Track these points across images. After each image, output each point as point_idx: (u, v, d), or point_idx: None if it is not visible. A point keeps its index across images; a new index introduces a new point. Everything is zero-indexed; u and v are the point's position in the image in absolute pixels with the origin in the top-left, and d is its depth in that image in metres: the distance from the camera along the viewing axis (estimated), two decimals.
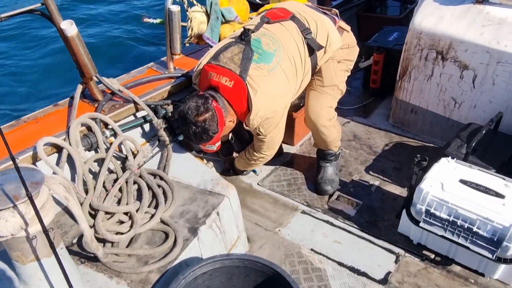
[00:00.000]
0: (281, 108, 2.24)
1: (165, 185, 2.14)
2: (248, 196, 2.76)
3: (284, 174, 2.91)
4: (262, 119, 2.16)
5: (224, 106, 2.13)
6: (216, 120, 2.09)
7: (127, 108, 2.44)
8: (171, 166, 2.32)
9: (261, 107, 2.12)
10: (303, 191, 2.76)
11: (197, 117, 2.04)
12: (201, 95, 2.10)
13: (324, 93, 2.48)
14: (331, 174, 2.73)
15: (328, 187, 2.69)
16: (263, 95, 2.11)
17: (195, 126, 2.06)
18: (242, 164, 2.74)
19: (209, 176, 2.26)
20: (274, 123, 2.26)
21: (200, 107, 2.04)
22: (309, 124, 2.59)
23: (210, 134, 2.10)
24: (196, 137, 2.11)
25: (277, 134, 2.35)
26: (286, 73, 2.20)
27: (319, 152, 2.73)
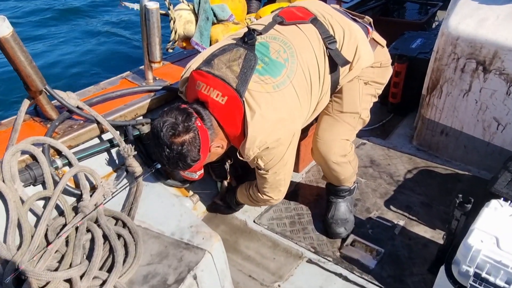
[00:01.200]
0: (286, 137, 1.70)
1: (127, 234, 1.62)
2: (241, 237, 2.23)
3: (287, 210, 2.38)
4: (260, 149, 1.64)
5: (211, 127, 1.62)
6: (198, 144, 1.58)
7: (88, 130, 1.92)
8: (141, 207, 1.80)
9: (260, 134, 1.60)
10: (309, 233, 2.22)
11: (173, 138, 1.53)
12: (183, 109, 1.59)
13: (341, 121, 1.95)
14: (344, 212, 2.19)
15: (341, 229, 2.16)
16: (264, 118, 1.59)
17: (169, 149, 1.55)
18: (244, 199, 2.20)
19: (187, 221, 1.74)
20: (278, 155, 1.73)
21: (178, 125, 1.53)
22: (317, 158, 2.07)
23: (188, 162, 1.59)
24: (170, 163, 1.60)
25: (282, 171, 1.80)
26: (298, 91, 1.68)
27: (329, 186, 2.20)
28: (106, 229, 1.61)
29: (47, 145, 1.76)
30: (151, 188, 1.91)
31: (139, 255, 1.57)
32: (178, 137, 1.53)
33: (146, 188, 1.89)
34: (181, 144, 1.54)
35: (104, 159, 2.00)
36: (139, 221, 1.74)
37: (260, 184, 1.90)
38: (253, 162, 1.76)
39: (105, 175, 1.96)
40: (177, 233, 1.68)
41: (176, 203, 1.84)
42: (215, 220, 2.33)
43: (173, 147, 1.53)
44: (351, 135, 2.01)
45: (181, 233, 1.68)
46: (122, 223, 1.69)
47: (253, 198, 2.02)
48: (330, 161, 1.97)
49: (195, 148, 1.57)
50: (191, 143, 1.56)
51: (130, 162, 1.86)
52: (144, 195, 1.84)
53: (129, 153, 1.85)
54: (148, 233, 1.68)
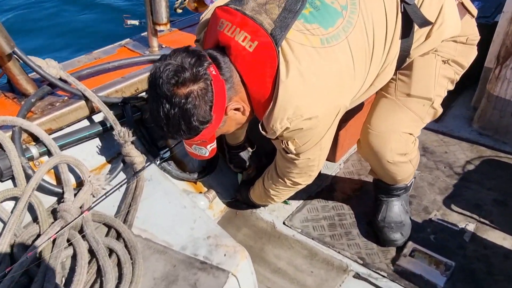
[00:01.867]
0: (329, 113, 1.26)
1: (121, 249, 1.19)
2: (269, 243, 1.79)
3: (324, 209, 1.93)
4: (291, 123, 1.20)
5: (230, 79, 1.19)
6: (210, 99, 1.14)
7: (74, 109, 1.49)
8: (141, 210, 1.37)
9: (295, 100, 1.16)
10: (354, 238, 1.77)
11: (176, 87, 1.10)
12: (193, 51, 1.15)
13: (405, 108, 1.47)
14: (398, 213, 1.73)
15: (396, 235, 1.70)
16: (303, 79, 1.15)
17: (169, 103, 1.11)
18: (257, 196, 1.79)
19: (203, 230, 1.30)
20: (314, 138, 1.30)
21: (185, 70, 1.10)
22: (365, 154, 1.61)
23: (194, 123, 1.14)
24: (170, 124, 1.15)
25: (317, 156, 1.38)
26: (354, 53, 1.22)
27: (379, 183, 1.73)
28: (93, 242, 1.18)
29: (18, 128, 1.33)
30: (155, 185, 1.47)
31: (137, 278, 1.14)
32: (183, 86, 1.10)
33: (148, 185, 1.46)
34: (186, 96, 1.10)
35: (94, 147, 1.56)
36: (139, 229, 1.30)
37: (285, 167, 1.47)
38: (280, 142, 1.33)
39: (96, 168, 1.53)
40: (189, 247, 1.24)
41: (188, 204, 1.40)
42: (236, 222, 1.89)
43: (175, 100, 1.10)
44: (415, 129, 1.52)
45: (195, 246, 1.24)
46: (116, 233, 1.26)
47: (269, 186, 1.63)
48: (384, 159, 1.50)
49: (205, 104, 1.13)
50: (200, 96, 1.12)
51: (128, 151, 1.42)
52: (146, 194, 1.41)
53: (127, 139, 1.41)
54: (151, 246, 1.25)
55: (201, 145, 1.27)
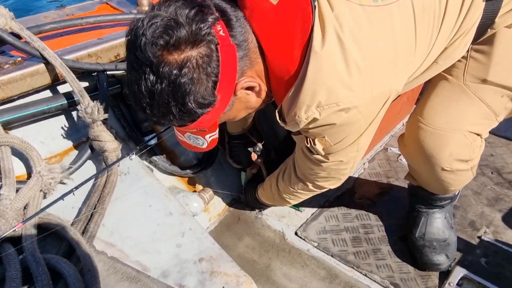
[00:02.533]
0: (374, 102, 0.90)
1: (72, 276, 0.81)
2: (276, 259, 1.42)
3: (345, 217, 1.56)
4: (322, 116, 0.86)
5: (244, 44, 0.84)
6: (214, 72, 0.80)
7: (29, 74, 1.11)
8: (111, 214, 0.99)
9: (327, 85, 0.82)
10: (385, 258, 1.41)
11: (166, 51, 0.75)
12: (193, 0, 0.80)
13: (476, 98, 1.06)
14: (442, 228, 1.37)
15: (440, 257, 1.33)
16: (342, 53, 0.80)
17: (154, 73, 0.76)
18: (267, 196, 1.42)
19: (194, 247, 0.92)
20: (352, 134, 0.95)
21: (180, 27, 0.75)
22: (412, 155, 1.23)
23: (190, 104, 0.80)
24: (154, 104, 0.80)
25: (351, 158, 1.04)
26: (418, 15, 0.87)
27: (419, 191, 1.36)
28: (31, 262, 0.81)
29: None
30: (133, 181, 1.09)
31: None
32: (177, 50, 0.75)
33: (123, 181, 1.08)
34: (181, 64, 0.76)
35: (55, 128, 1.19)
36: (105, 243, 0.93)
37: (307, 169, 1.12)
38: (303, 140, 0.98)
39: (56, 155, 1.15)
40: (173, 273, 0.87)
41: (176, 209, 1.03)
42: (237, 229, 1.53)
43: (164, 70, 0.75)
44: (485, 128, 1.12)
45: (182, 273, 0.87)
46: (68, 248, 0.88)
47: (284, 188, 1.28)
48: (438, 166, 1.12)
49: (207, 79, 0.79)
50: (200, 67, 0.77)
51: (97, 133, 1.04)
52: (118, 194, 1.03)
53: (95, 117, 1.03)
54: (118, 270, 0.87)
55: (198, 134, 0.92)
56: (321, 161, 1.04)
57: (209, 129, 0.91)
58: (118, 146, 1.06)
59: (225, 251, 0.95)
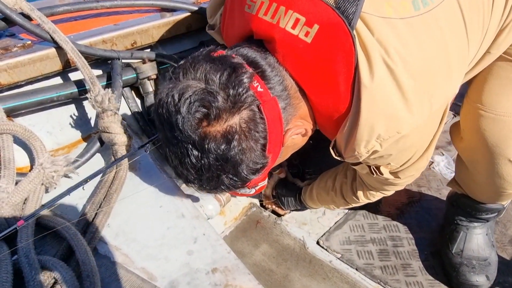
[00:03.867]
0: (435, 115, 0.80)
1: (69, 281, 0.72)
2: (296, 269, 1.31)
3: (372, 228, 1.44)
4: (383, 147, 0.78)
5: (284, 93, 0.76)
6: (263, 135, 0.73)
7: (38, 59, 1.03)
8: (117, 215, 0.90)
9: (384, 116, 0.73)
10: (415, 274, 1.28)
11: (206, 124, 0.67)
12: (221, 59, 0.70)
13: None
14: (482, 246, 1.24)
15: (479, 278, 1.20)
16: (394, 81, 0.70)
17: (198, 150, 0.68)
18: (322, 199, 1.31)
19: (207, 255, 0.82)
20: (418, 152, 0.87)
21: (215, 95, 0.66)
22: (470, 147, 1.07)
23: (243, 173, 0.73)
24: (203, 179, 0.73)
25: (422, 167, 0.93)
26: (465, 8, 0.77)
27: (463, 200, 1.23)
28: (24, 264, 0.72)
29: None
30: (144, 178, 1.00)
31: None
32: (218, 121, 0.67)
33: (133, 178, 0.99)
34: (226, 137, 0.68)
35: (65, 117, 1.10)
36: (109, 246, 0.84)
37: (376, 185, 1.06)
38: (365, 169, 0.92)
39: (63, 147, 1.07)
40: (182, 284, 0.77)
41: (189, 211, 0.93)
42: (254, 234, 1.42)
43: (209, 147, 0.67)
44: None
45: (192, 284, 0.77)
46: (67, 250, 0.79)
47: (345, 194, 1.20)
48: (502, 157, 0.98)
49: (255, 144, 0.72)
50: (247, 134, 0.70)
51: (107, 124, 0.95)
52: (127, 191, 0.94)
53: (106, 106, 0.94)
54: (122, 277, 0.78)
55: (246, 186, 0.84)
56: (390, 179, 0.95)
57: (259, 182, 0.86)
58: (129, 139, 0.97)
59: (241, 260, 0.84)
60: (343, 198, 1.21)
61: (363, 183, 1.11)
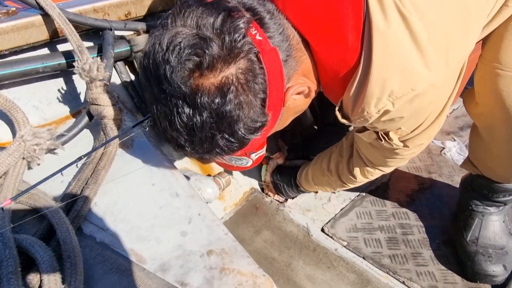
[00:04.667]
0: (452, 72, 0.71)
1: (47, 262, 0.65)
2: (299, 257, 1.24)
3: (380, 215, 1.36)
4: (396, 106, 0.69)
5: (285, 43, 0.67)
6: (262, 87, 0.64)
7: (23, 26, 0.95)
8: (104, 193, 0.83)
9: (399, 68, 0.64)
10: (427, 263, 1.20)
11: (199, 75, 0.59)
12: (214, 3, 0.61)
13: None
14: (499, 233, 1.16)
15: (496, 268, 1.12)
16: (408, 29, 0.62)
17: (190, 105, 0.60)
18: (318, 181, 1.24)
19: (203, 237, 0.75)
20: (431, 116, 0.78)
21: (209, 42, 0.58)
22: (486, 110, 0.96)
23: (240, 132, 0.65)
24: (195, 141, 0.65)
25: (431, 135, 0.84)
26: None
27: (477, 181, 1.15)
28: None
29: None
30: (136, 154, 0.92)
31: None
32: (212, 72, 0.60)
33: (125, 154, 0.91)
34: (221, 89, 0.61)
35: (52, 91, 1.03)
36: (94, 227, 0.76)
37: (378, 159, 0.97)
38: (372, 135, 0.83)
39: (50, 122, 1.00)
40: (174, 267, 0.69)
41: (184, 190, 0.85)
42: (254, 221, 1.35)
43: (202, 101, 0.60)
44: None
45: (185, 267, 0.69)
46: (48, 229, 0.72)
47: (342, 174, 1.12)
48: None
49: (255, 98, 0.64)
50: (244, 86, 0.62)
51: (95, 96, 0.88)
52: (116, 169, 0.86)
53: (94, 75, 0.87)
54: (107, 259, 0.70)
55: (241, 155, 0.78)
56: (397, 149, 0.86)
57: (257, 148, 0.77)
58: (119, 112, 0.89)
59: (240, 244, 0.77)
60: (339, 179, 1.14)
61: (360, 160, 1.03)
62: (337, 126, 1.48)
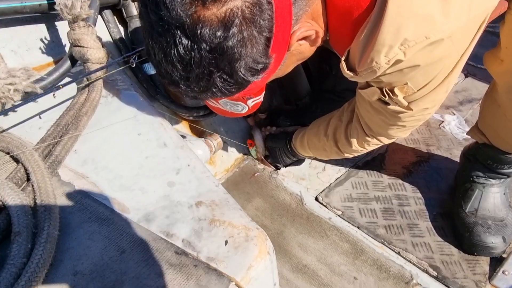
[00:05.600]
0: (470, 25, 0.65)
1: (17, 207, 0.59)
2: (291, 226, 1.19)
3: (376, 186, 1.31)
4: (408, 56, 0.63)
5: None
6: (268, 25, 0.57)
7: None
8: (87, 140, 0.76)
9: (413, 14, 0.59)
10: (423, 234, 1.16)
11: (200, 6, 0.52)
12: None
13: None
14: (499, 206, 1.12)
15: (495, 239, 1.08)
16: None
17: (189, 37, 0.53)
18: (313, 143, 1.19)
19: (192, 188, 0.69)
20: (441, 73, 0.71)
21: None
22: None
23: (240, 73, 0.59)
24: (192, 78, 0.58)
25: (438, 100, 0.80)
26: None
27: (482, 151, 1.11)
28: None
29: None
30: (121, 102, 0.86)
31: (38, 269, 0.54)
32: (215, 2, 0.53)
33: (111, 102, 0.85)
34: (224, 21, 0.54)
35: (30, 36, 0.95)
36: (74, 173, 0.70)
37: (380, 123, 0.90)
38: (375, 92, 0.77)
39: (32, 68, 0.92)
40: (159, 218, 0.64)
41: (173, 140, 0.79)
42: (247, 188, 1.29)
43: (203, 33, 0.54)
44: None
45: (172, 218, 0.64)
46: (22, 175, 0.65)
47: (347, 150, 1.07)
48: None
49: (259, 35, 0.58)
50: (249, 22, 0.56)
51: (78, 36, 0.80)
52: (101, 116, 0.80)
53: (76, 12, 0.79)
54: (87, 206, 0.64)
55: (238, 100, 0.72)
56: (399, 113, 0.80)
57: (255, 94, 0.71)
58: (104, 55, 0.82)
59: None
60: (335, 145, 1.09)
61: (360, 126, 0.97)
62: (335, 94, 1.43)
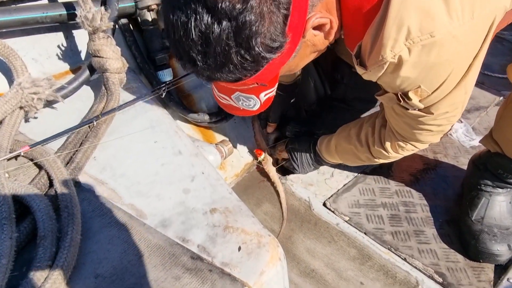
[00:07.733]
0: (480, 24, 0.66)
1: (42, 211, 0.62)
2: (299, 231, 1.22)
3: (383, 192, 1.33)
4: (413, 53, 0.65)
5: None
6: (286, 3, 0.60)
7: None
8: (105, 148, 0.79)
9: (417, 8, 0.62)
10: (429, 241, 1.18)
11: None
12: None
13: None
14: (505, 214, 1.14)
15: (500, 247, 1.10)
16: None
17: (211, 12, 0.56)
18: (342, 148, 1.20)
19: (206, 195, 0.72)
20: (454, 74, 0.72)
21: None
22: None
23: (258, 48, 0.61)
24: (210, 52, 0.60)
25: (460, 103, 0.81)
26: None
27: (492, 160, 1.13)
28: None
29: None
30: (138, 111, 0.89)
31: (64, 271, 0.57)
32: None
33: (128, 110, 0.88)
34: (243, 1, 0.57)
35: (51, 44, 0.98)
36: (94, 180, 0.73)
37: (407, 129, 0.92)
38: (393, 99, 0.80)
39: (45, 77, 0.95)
40: (175, 223, 0.67)
41: (187, 148, 0.82)
42: (256, 193, 1.32)
43: (224, 6, 0.56)
44: None
45: (187, 224, 0.66)
46: (45, 180, 0.69)
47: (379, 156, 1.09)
48: None
49: (278, 12, 0.60)
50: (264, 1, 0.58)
51: (98, 47, 0.84)
52: (119, 123, 0.83)
53: (97, 24, 0.82)
54: (106, 212, 0.67)
55: (251, 92, 0.72)
56: (420, 116, 0.83)
57: (270, 83, 0.71)
58: (122, 65, 0.85)
59: None
60: (368, 150, 1.09)
61: (391, 132, 0.99)
62: (345, 102, 1.45)
